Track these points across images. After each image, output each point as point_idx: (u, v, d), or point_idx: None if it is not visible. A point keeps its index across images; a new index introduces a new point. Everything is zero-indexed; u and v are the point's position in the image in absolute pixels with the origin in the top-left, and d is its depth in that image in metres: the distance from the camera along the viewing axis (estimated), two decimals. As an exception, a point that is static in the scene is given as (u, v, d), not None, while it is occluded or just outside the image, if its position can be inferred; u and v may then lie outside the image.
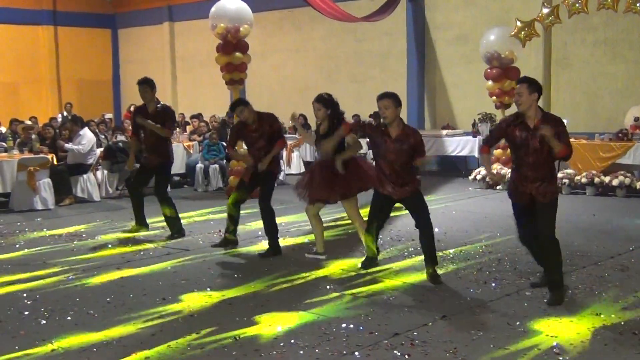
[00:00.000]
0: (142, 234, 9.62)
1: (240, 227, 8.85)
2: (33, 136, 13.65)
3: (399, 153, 6.87)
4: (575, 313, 5.88)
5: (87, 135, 12.97)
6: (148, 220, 9.85)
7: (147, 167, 9.49)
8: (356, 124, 8.61)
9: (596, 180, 12.50)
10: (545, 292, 6.35)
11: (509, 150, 6.97)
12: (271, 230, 8.36)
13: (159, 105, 9.55)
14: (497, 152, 14.31)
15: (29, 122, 16.44)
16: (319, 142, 7.89)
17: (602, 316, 5.80)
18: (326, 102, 7.74)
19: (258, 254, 8.27)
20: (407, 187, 6.93)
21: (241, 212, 8.69)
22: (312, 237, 8.54)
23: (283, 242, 8.75)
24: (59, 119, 19.62)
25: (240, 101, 8.62)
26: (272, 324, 5.72)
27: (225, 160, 14.44)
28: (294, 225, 10.03)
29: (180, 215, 9.60)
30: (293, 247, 8.55)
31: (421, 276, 7.08)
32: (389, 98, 6.86)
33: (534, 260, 6.71)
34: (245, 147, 8.94)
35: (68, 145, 12.77)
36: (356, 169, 7.73)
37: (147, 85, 9.35)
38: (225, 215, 8.88)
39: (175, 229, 9.43)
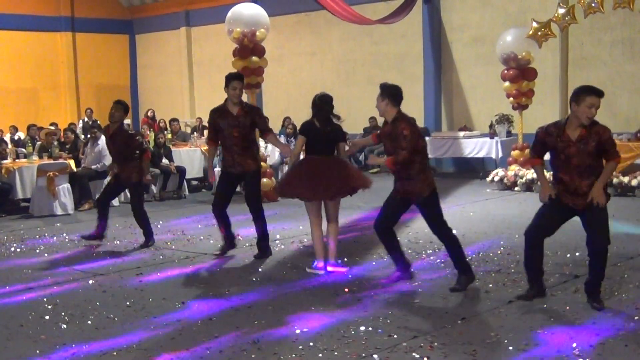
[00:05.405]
0: (161, 238, 9.67)
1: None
2: (55, 142, 13.76)
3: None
4: (595, 314, 5.85)
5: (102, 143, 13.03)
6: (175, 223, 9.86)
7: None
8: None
9: (615, 180, 12.42)
10: (566, 294, 6.33)
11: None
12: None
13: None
14: (514, 153, 14.31)
15: (51, 128, 16.56)
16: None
17: (622, 317, 5.76)
18: (313, 102, 7.48)
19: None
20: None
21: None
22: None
23: (297, 245, 8.72)
24: (80, 125, 19.85)
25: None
26: (290, 327, 5.73)
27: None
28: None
29: (198, 219, 9.61)
30: (311, 251, 8.54)
31: (440, 278, 7.08)
32: None
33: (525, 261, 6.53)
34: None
35: (94, 167, 12.87)
36: (325, 173, 7.33)
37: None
38: (243, 220, 8.85)
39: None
